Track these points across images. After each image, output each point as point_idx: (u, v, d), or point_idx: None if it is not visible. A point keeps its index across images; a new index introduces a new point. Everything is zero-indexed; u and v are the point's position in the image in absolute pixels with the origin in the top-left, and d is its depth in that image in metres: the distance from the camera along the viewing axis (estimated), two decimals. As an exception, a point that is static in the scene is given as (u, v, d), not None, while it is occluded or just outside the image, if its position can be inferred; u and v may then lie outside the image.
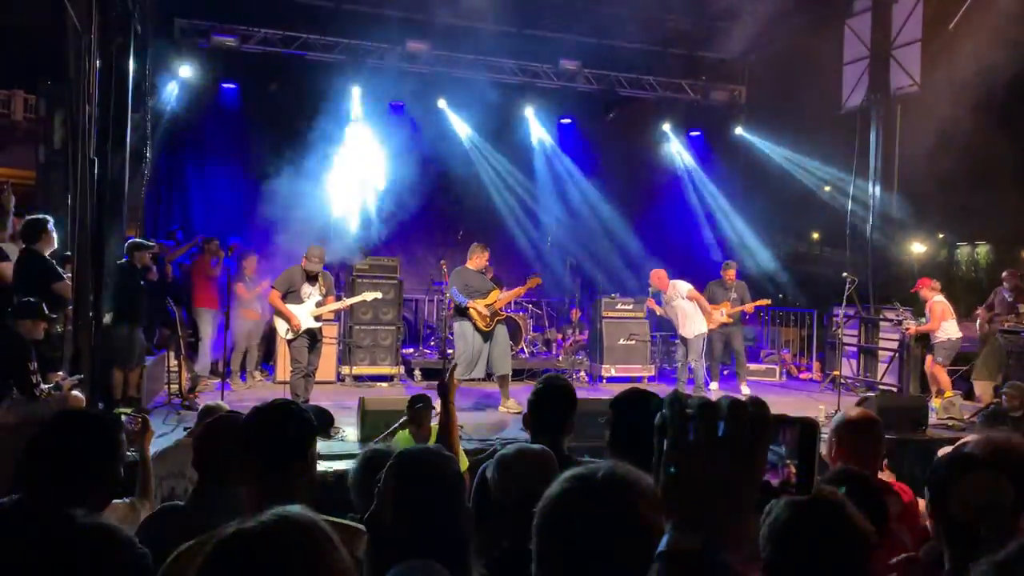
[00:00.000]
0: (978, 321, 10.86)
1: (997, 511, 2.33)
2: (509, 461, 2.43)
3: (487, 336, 8.80)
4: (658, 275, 10.67)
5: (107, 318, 7.13)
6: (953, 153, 11.14)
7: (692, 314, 10.35)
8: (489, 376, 9.15)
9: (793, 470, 0.96)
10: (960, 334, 10.37)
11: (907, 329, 10.39)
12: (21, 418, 5.43)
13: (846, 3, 13.47)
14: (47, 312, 6.16)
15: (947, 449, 2.80)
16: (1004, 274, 11.43)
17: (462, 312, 8.76)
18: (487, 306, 8.76)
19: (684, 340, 10.41)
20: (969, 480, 2.36)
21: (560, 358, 12.24)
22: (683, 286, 10.52)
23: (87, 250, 6.48)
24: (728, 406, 0.92)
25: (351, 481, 2.76)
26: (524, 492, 1.56)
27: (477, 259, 9.03)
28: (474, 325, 8.75)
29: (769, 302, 11.73)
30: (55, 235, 7.12)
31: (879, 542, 2.02)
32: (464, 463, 4.88)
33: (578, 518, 1.37)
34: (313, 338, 8.13)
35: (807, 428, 0.98)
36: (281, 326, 8.09)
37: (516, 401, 8.64)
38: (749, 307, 11.46)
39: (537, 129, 15.30)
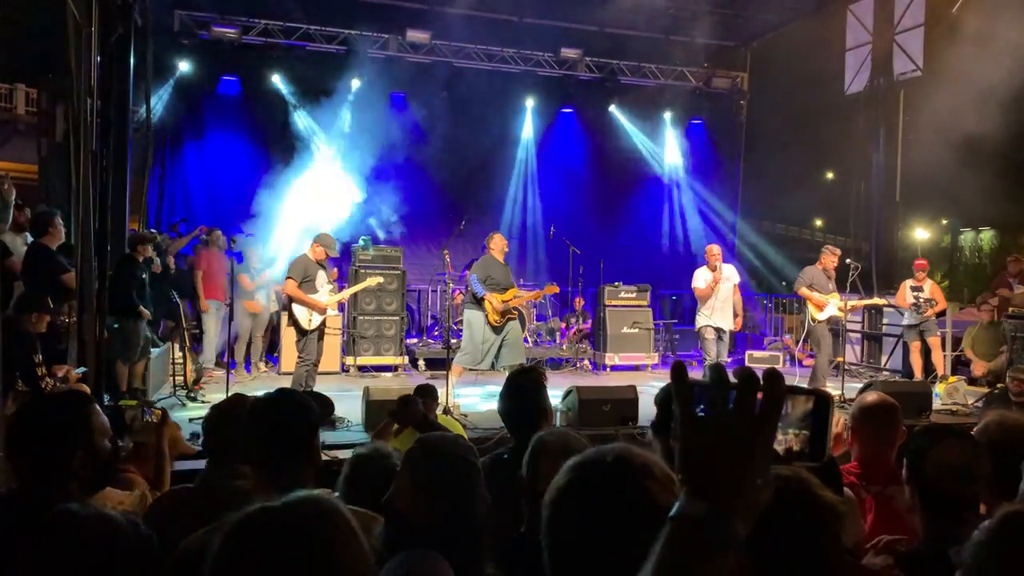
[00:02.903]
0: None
1: (972, 479, 2.34)
2: (545, 448, 2.43)
3: (497, 330, 8.69)
4: (716, 249, 9.62)
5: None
6: (956, 138, 11.11)
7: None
8: (492, 367, 9.16)
9: (794, 439, 1.00)
10: None
11: (924, 312, 10.27)
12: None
13: (848, -12, 13.43)
14: (51, 305, 6.19)
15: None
16: (1009, 259, 11.41)
17: (477, 301, 8.66)
18: (503, 302, 8.64)
19: (719, 332, 9.31)
20: (945, 448, 2.37)
21: (564, 347, 12.25)
22: (735, 274, 9.59)
23: (90, 243, 6.49)
24: (740, 378, 0.93)
25: (341, 484, 2.72)
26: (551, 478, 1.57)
27: (498, 246, 8.88)
28: (485, 317, 8.65)
29: (886, 302, 10.43)
30: (63, 228, 7.15)
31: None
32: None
33: (587, 503, 1.38)
34: (323, 329, 8.11)
35: (821, 400, 1.01)
36: (303, 316, 7.78)
37: None
38: (859, 304, 9.90)
39: (538, 118, 15.27)
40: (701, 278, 9.44)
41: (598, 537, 1.35)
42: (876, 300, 10.01)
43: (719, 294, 9.30)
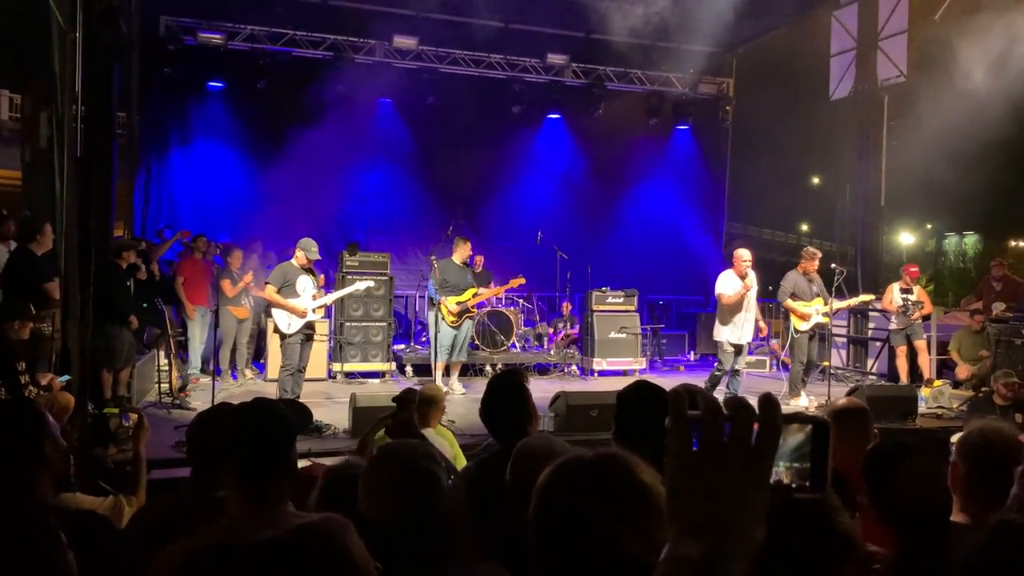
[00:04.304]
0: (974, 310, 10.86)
1: (939, 492, 2.35)
2: (527, 451, 2.44)
3: (454, 329, 9.65)
4: (748, 255, 8.98)
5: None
6: (941, 144, 11.21)
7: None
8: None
9: (785, 473, 0.94)
10: None
11: (912, 315, 10.29)
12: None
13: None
14: (33, 313, 6.14)
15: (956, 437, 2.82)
16: (992, 263, 11.52)
17: (435, 304, 9.54)
18: (459, 303, 9.57)
19: (739, 348, 8.92)
20: (908, 467, 2.37)
21: (551, 352, 12.25)
22: (755, 281, 8.98)
23: (74, 250, 6.44)
24: (735, 410, 0.88)
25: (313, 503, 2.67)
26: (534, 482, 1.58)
27: (460, 251, 9.81)
28: (443, 318, 9.53)
29: (873, 297, 10.26)
30: (51, 236, 7.08)
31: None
32: (461, 460, 4.85)
33: (575, 495, 1.38)
34: (309, 333, 8.10)
35: (819, 428, 0.96)
36: (282, 320, 7.89)
37: (460, 385, 9.74)
38: (854, 302, 9.76)
39: (525, 124, 15.27)
40: (728, 285, 8.83)
41: (582, 536, 1.36)
42: (863, 296, 9.99)
43: (746, 304, 8.81)
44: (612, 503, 1.35)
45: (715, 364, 9.20)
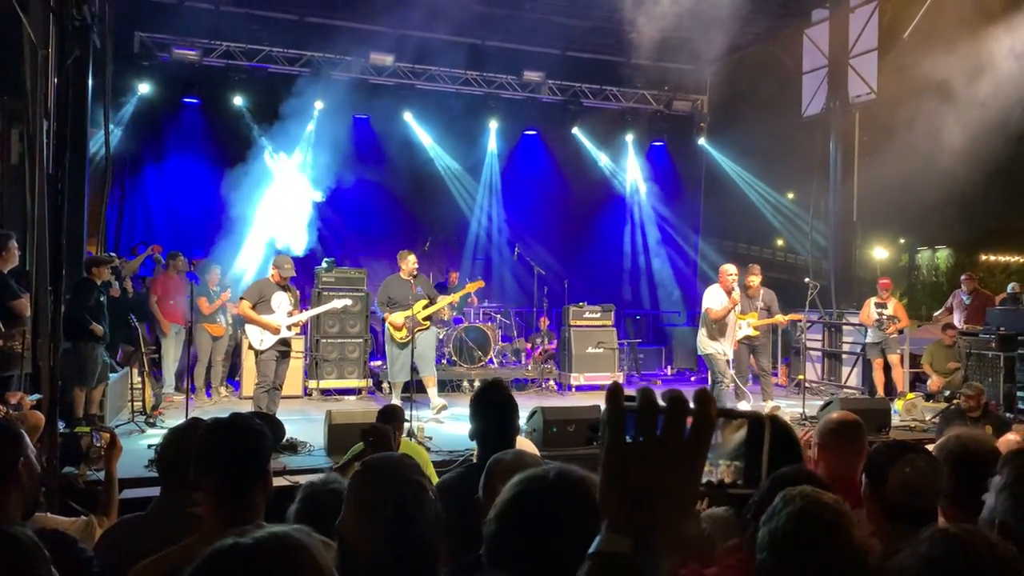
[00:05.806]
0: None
1: (931, 493, 2.39)
2: (499, 468, 2.43)
3: (403, 345, 9.19)
4: (733, 269, 9.10)
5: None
6: (911, 160, 11.36)
7: None
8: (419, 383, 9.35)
9: (726, 471, 0.93)
10: None
11: (887, 329, 10.38)
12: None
13: (804, 14, 13.71)
14: (2, 330, 6.06)
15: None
16: (963, 277, 11.68)
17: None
18: (407, 318, 9.13)
19: (727, 361, 9.14)
20: (904, 463, 2.41)
21: (529, 367, 12.25)
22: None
23: (46, 267, 6.37)
24: (669, 402, 0.88)
25: (292, 517, 2.62)
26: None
27: (404, 265, 9.40)
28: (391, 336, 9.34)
29: (803, 318, 10.34)
30: (17, 252, 7.00)
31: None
32: (433, 478, 4.82)
33: (531, 517, 1.38)
34: (284, 350, 8.05)
35: (755, 424, 0.95)
36: (254, 336, 7.88)
37: (441, 400, 9.32)
38: (782, 320, 9.90)
39: (502, 140, 15.33)
40: (715, 299, 8.94)
41: (538, 548, 1.35)
42: (776, 319, 9.71)
43: (731, 319, 8.98)
44: (572, 525, 1.35)
45: (712, 381, 9.16)
